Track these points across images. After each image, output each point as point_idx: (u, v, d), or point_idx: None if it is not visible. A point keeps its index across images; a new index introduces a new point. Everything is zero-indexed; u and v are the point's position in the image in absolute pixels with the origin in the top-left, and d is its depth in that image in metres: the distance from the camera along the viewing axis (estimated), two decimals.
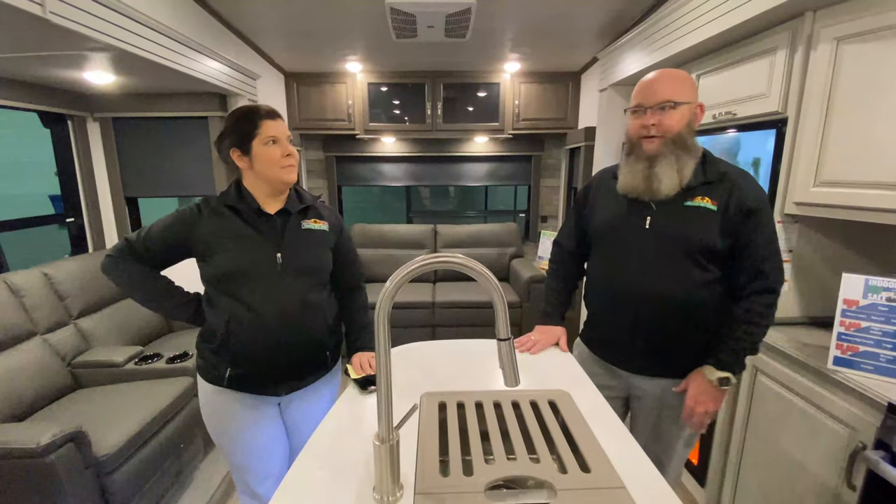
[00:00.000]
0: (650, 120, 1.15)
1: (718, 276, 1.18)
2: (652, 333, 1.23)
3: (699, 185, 1.16)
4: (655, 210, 1.20)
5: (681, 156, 1.15)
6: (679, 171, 1.15)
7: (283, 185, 1.22)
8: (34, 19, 1.31)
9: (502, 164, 4.21)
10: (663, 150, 1.15)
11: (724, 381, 1.15)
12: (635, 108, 1.19)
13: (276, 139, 1.18)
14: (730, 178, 1.16)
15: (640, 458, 0.89)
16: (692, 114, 1.16)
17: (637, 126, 1.19)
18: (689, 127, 1.15)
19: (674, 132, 1.14)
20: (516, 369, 0.75)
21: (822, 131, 1.42)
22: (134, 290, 1.25)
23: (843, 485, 1.25)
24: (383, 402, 0.74)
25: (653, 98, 1.15)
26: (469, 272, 0.71)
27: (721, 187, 1.15)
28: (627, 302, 1.24)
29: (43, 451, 1.37)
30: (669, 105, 1.13)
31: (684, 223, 1.16)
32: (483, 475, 0.82)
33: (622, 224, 1.26)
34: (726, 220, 1.13)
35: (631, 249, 1.23)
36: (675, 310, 1.19)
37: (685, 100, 1.14)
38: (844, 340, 1.28)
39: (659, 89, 1.14)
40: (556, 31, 2.73)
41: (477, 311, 3.36)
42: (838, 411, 1.27)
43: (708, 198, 1.15)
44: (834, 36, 1.38)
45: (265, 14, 2.44)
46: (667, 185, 1.15)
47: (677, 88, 1.14)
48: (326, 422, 1.03)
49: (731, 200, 1.13)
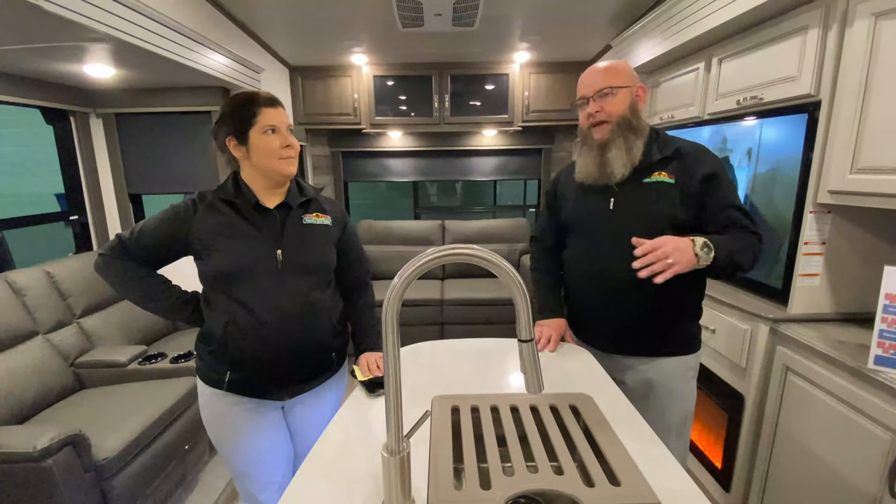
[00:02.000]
0: (594, 108, 1.22)
1: None
2: (629, 312, 1.25)
3: (656, 162, 1.21)
4: (617, 192, 1.25)
5: (628, 137, 1.21)
6: (628, 151, 1.20)
7: (282, 177, 1.16)
8: (28, 7, 1.26)
9: (511, 157, 4.12)
10: (611, 136, 1.21)
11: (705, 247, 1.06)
12: (579, 100, 1.26)
13: (275, 128, 1.12)
14: (684, 151, 1.21)
15: (673, 468, 0.81)
16: (633, 96, 1.22)
17: (584, 116, 1.25)
18: (631, 108, 1.22)
19: (617, 115, 1.20)
20: (540, 374, 0.68)
21: (860, 114, 1.33)
22: (128, 289, 1.18)
23: (885, 492, 1.17)
24: (392, 410, 0.67)
25: (592, 88, 1.22)
26: (489, 266, 0.63)
27: (676, 161, 1.21)
28: (602, 284, 1.27)
29: (40, 455, 1.33)
30: (608, 91, 1.20)
31: (645, 199, 1.21)
32: (501, 488, 0.74)
33: (588, 210, 1.31)
34: (686, 191, 1.18)
35: (599, 233, 1.28)
36: (648, 286, 1.12)
37: (622, 84, 1.21)
38: (887, 338, 1.19)
39: (595, 79, 1.22)
40: (567, 18, 2.63)
41: (487, 308, 3.29)
42: (880, 414, 1.18)
43: (664, 172, 1.20)
44: (872, 11, 1.29)
45: (268, 4, 2.38)
46: (618, 167, 1.21)
47: (612, 76, 1.21)
48: (331, 428, 0.97)
49: (687, 171, 1.18)
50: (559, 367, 1.23)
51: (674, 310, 1.25)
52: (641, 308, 1.24)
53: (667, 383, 1.27)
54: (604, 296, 1.28)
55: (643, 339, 1.27)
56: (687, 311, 1.28)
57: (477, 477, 0.77)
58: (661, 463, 0.83)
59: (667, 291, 1.15)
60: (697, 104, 2.08)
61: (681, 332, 1.28)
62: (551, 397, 1.01)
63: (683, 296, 1.24)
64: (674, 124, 2.29)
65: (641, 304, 1.23)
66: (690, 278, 1.15)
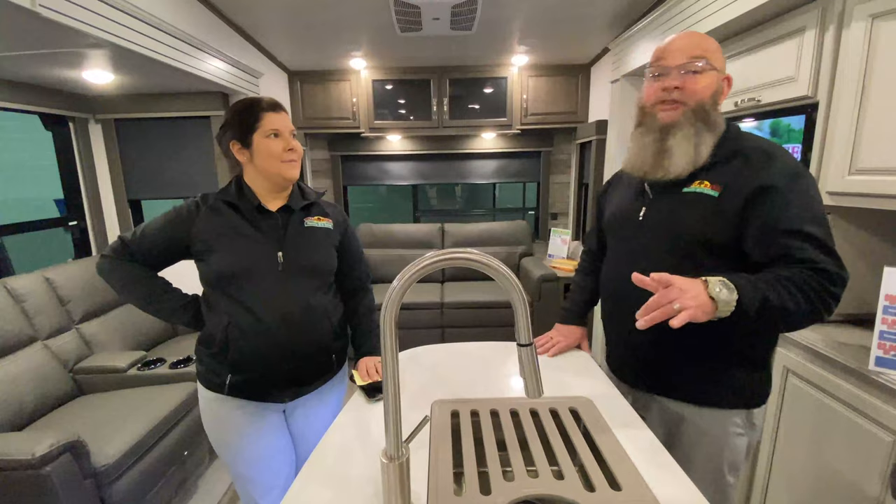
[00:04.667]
0: (673, 82, 0.96)
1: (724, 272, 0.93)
2: (649, 343, 1.03)
3: (702, 168, 0.98)
4: (651, 199, 1.05)
5: (700, 130, 0.96)
6: (696, 146, 0.96)
7: (284, 181, 1.16)
8: (23, 12, 1.26)
9: (511, 160, 4.13)
10: (681, 121, 0.97)
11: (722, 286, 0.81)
12: (655, 67, 1.00)
13: (277, 132, 1.13)
14: (742, 155, 0.95)
15: (675, 472, 0.81)
16: (719, 85, 0.98)
17: (655, 90, 0.99)
18: (713, 98, 0.98)
19: (697, 99, 0.96)
20: (539, 378, 0.67)
21: (858, 115, 1.33)
22: (129, 292, 1.19)
23: (886, 494, 1.16)
24: (391, 415, 0.67)
25: (681, 55, 0.96)
26: (486, 270, 0.63)
27: (729, 167, 0.95)
28: (623, 307, 1.05)
29: (39, 461, 1.32)
30: (698, 65, 0.94)
31: (678, 213, 0.99)
32: (502, 493, 0.74)
33: (620, 219, 1.12)
34: (729, 207, 0.93)
35: (626, 247, 1.09)
36: None
37: (717, 65, 0.97)
38: (887, 339, 1.19)
39: (687, 46, 0.96)
40: (565, 21, 2.64)
41: (488, 311, 3.28)
42: (881, 415, 1.18)
43: (707, 181, 0.97)
44: (869, 13, 1.29)
45: (267, 8, 2.38)
46: (678, 161, 0.97)
47: (710, 49, 0.96)
48: (331, 433, 0.96)
49: (739, 180, 0.93)
50: (559, 371, 1.22)
51: (712, 350, 0.98)
52: (667, 342, 1.00)
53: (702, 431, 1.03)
54: (623, 319, 1.04)
55: (668, 378, 1.05)
56: (736, 355, 1.00)
57: (477, 482, 0.77)
58: (663, 467, 0.82)
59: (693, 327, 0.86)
60: None
61: (725, 379, 1.00)
62: (551, 401, 1.01)
63: (730, 336, 0.96)
64: None
65: (668, 337, 0.93)
66: None
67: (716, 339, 0.95)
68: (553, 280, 3.21)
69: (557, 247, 3.77)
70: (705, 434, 1.02)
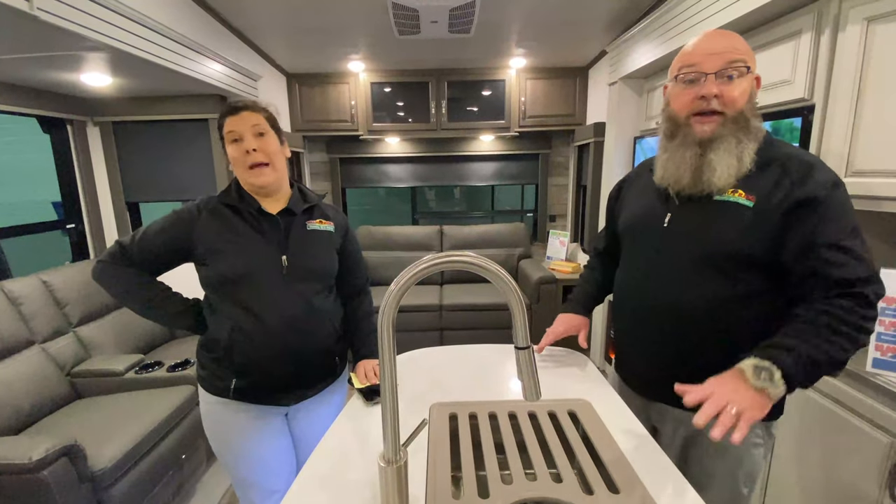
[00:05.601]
0: (712, 89, 0.88)
1: (760, 289, 0.92)
2: (669, 355, 1.01)
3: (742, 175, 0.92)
4: (678, 206, 0.98)
5: (742, 139, 0.90)
6: (739, 158, 0.90)
7: (253, 188, 1.14)
8: (21, 16, 1.26)
9: (509, 162, 4.13)
10: (722, 132, 0.90)
11: (759, 372, 0.78)
12: (687, 73, 0.91)
13: (236, 135, 1.09)
14: (782, 164, 0.89)
15: (673, 474, 0.81)
16: (753, 88, 0.92)
17: (690, 98, 0.91)
18: (751, 103, 0.91)
19: (737, 108, 0.89)
20: (537, 381, 0.67)
21: (854, 118, 1.33)
22: (129, 297, 1.17)
23: (885, 496, 1.16)
24: (389, 418, 0.67)
25: (717, 60, 0.88)
26: (484, 273, 0.63)
27: (764, 177, 0.90)
28: (643, 316, 1.04)
29: (36, 466, 1.31)
30: (740, 66, 0.87)
31: (709, 223, 0.93)
32: (500, 496, 0.74)
33: (641, 224, 1.07)
34: (765, 219, 0.88)
35: (647, 254, 1.04)
36: (695, 328, 0.96)
37: (753, 66, 0.90)
38: (885, 341, 1.20)
39: (725, 49, 0.88)
40: (563, 23, 2.65)
41: (487, 313, 3.28)
42: (878, 417, 1.18)
43: (742, 191, 0.91)
44: (864, 16, 1.30)
45: (265, 11, 2.39)
46: (721, 175, 0.91)
47: (745, 49, 0.89)
48: (329, 437, 0.96)
49: (775, 192, 0.88)
50: (558, 373, 1.22)
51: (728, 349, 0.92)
52: (687, 352, 0.98)
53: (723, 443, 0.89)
54: (644, 329, 1.05)
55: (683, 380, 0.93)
56: None
57: (475, 485, 0.77)
58: (662, 470, 0.82)
59: (718, 341, 0.94)
60: None
61: None
62: (550, 403, 1.01)
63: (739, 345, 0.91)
64: None
65: (687, 347, 0.98)
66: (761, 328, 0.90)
67: (737, 352, 0.88)
68: (551, 282, 3.22)
69: (556, 249, 3.78)
70: (726, 447, 0.94)
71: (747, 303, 0.93)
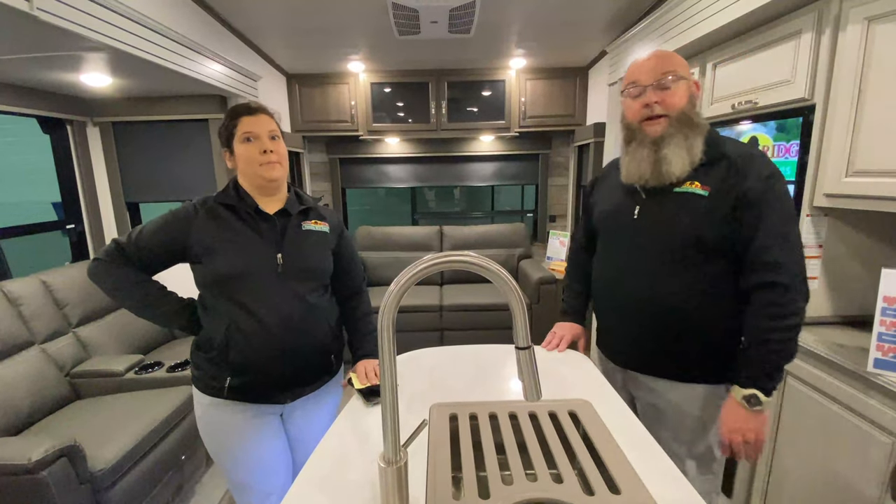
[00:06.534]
0: (653, 98, 1.06)
1: (719, 271, 1.07)
2: (648, 330, 1.15)
3: (695, 168, 1.07)
4: (644, 199, 1.13)
5: (688, 134, 1.06)
6: (689, 150, 1.06)
7: (265, 181, 1.16)
8: (21, 16, 1.26)
9: (509, 163, 4.13)
10: (670, 131, 1.07)
11: (750, 401, 1.01)
12: (631, 88, 1.10)
13: (252, 135, 1.14)
14: (729, 158, 1.05)
15: (674, 475, 0.81)
16: (692, 90, 1.09)
17: (638, 107, 1.09)
18: (691, 102, 1.08)
19: (678, 109, 1.06)
20: (538, 382, 0.67)
21: (854, 118, 1.33)
22: (125, 296, 1.17)
23: (886, 497, 1.16)
24: (389, 418, 0.66)
25: (652, 74, 1.06)
26: (484, 273, 0.63)
27: (716, 169, 1.05)
28: (620, 298, 1.19)
29: (35, 466, 1.31)
30: (671, 78, 1.05)
31: (671, 212, 1.08)
32: (500, 497, 0.74)
33: (614, 217, 1.21)
34: (719, 207, 1.03)
35: (621, 243, 1.19)
36: (666, 308, 1.10)
37: (685, 74, 1.07)
38: (886, 341, 1.19)
39: (657, 65, 1.07)
40: (562, 24, 2.65)
41: (488, 313, 3.28)
42: (880, 418, 1.18)
43: (698, 182, 1.06)
44: (864, 16, 1.29)
45: (265, 12, 2.39)
46: (677, 166, 1.06)
47: (675, 63, 1.07)
48: (328, 438, 0.96)
49: (726, 184, 1.03)
50: (558, 374, 1.22)
51: (699, 338, 1.10)
52: (658, 329, 1.13)
53: (690, 410, 1.14)
54: (620, 310, 1.20)
55: (662, 359, 1.15)
56: (722, 336, 1.11)
57: (475, 486, 0.76)
58: (662, 470, 0.82)
59: (688, 318, 1.09)
60: None
61: (712, 358, 1.12)
62: (550, 404, 1.00)
63: (716, 321, 1.09)
64: None
65: (658, 325, 1.13)
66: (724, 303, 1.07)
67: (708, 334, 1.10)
68: (552, 282, 3.21)
69: (556, 249, 3.78)
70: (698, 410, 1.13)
71: (708, 283, 1.08)
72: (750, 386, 1.02)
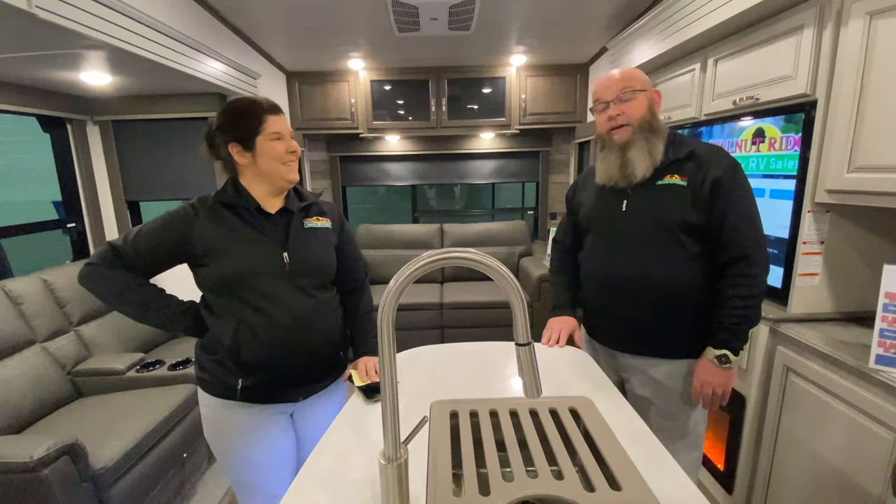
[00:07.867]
0: (614, 111, 1.24)
1: (700, 251, 1.22)
2: (638, 312, 1.27)
3: (669, 164, 1.23)
4: (631, 194, 1.27)
5: (650, 138, 1.23)
6: (650, 152, 1.22)
7: (285, 182, 1.16)
8: (20, 14, 1.25)
9: (509, 160, 4.12)
10: (633, 137, 1.23)
11: (721, 359, 1.18)
12: (598, 105, 1.28)
13: (280, 135, 1.13)
14: (697, 154, 1.22)
15: (675, 471, 0.80)
16: (650, 100, 1.25)
17: (605, 120, 1.27)
18: (650, 111, 1.24)
19: (638, 117, 1.23)
20: (538, 378, 0.67)
21: (856, 113, 1.32)
22: (121, 301, 1.13)
23: (888, 493, 1.16)
24: (389, 416, 0.66)
25: (611, 91, 1.24)
26: (484, 270, 0.63)
27: (690, 164, 1.22)
28: (612, 283, 1.30)
29: (37, 464, 1.31)
30: (628, 92, 1.22)
31: (659, 201, 1.23)
32: (501, 494, 0.74)
33: (602, 212, 1.34)
34: (697, 195, 1.19)
35: (612, 234, 1.30)
36: (658, 288, 1.24)
37: (640, 87, 1.23)
38: (888, 337, 1.19)
39: (614, 83, 1.24)
40: (563, 21, 2.64)
41: (488, 311, 3.28)
42: (882, 414, 1.17)
43: (677, 175, 1.21)
44: (866, 10, 1.29)
45: (264, 9, 2.38)
46: (640, 167, 1.22)
47: (629, 80, 1.23)
48: (329, 435, 0.96)
49: (699, 175, 1.19)
50: (559, 370, 1.22)
51: (686, 314, 1.24)
52: (651, 309, 1.25)
53: (676, 386, 1.27)
54: (614, 294, 1.30)
55: (652, 336, 1.27)
56: (703, 316, 1.23)
57: (476, 483, 0.76)
58: (663, 467, 0.82)
59: (677, 296, 1.23)
60: (694, 105, 2.08)
61: (695, 332, 1.24)
62: (551, 401, 1.00)
63: (699, 301, 1.23)
64: (670, 126, 2.28)
65: (651, 305, 1.25)
66: (704, 281, 1.21)
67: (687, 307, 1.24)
68: None
69: None
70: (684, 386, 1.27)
71: (693, 262, 1.22)
72: (722, 346, 1.18)
